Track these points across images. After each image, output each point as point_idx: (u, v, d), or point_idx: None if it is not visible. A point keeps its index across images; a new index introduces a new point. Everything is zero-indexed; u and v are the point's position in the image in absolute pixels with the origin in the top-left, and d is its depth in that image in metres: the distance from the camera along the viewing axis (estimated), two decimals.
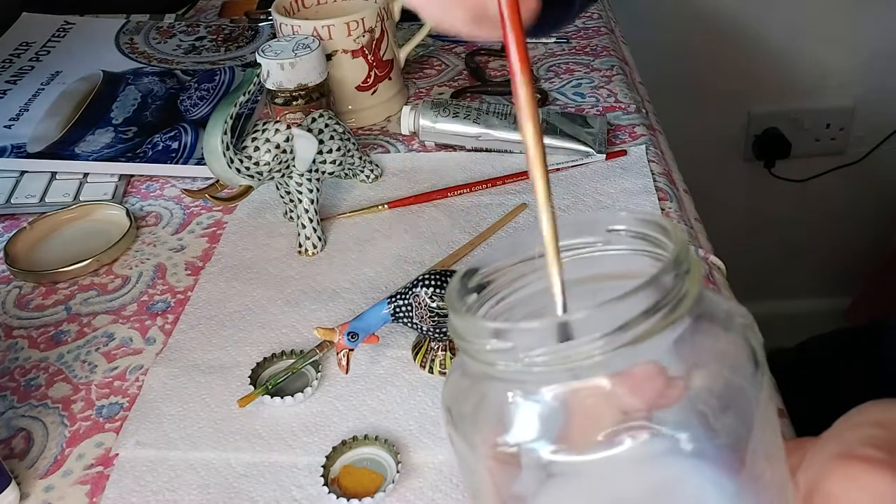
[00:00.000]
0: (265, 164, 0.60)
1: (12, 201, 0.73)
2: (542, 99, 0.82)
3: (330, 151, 0.64)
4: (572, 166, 0.71)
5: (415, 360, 0.55)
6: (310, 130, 0.62)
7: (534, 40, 0.93)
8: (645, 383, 0.23)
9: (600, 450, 0.23)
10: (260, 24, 1.00)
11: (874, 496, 0.25)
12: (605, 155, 0.72)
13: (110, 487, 0.48)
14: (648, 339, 0.22)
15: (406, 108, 0.75)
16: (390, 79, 0.81)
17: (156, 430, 0.51)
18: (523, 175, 0.71)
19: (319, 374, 0.53)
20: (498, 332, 0.23)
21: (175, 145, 0.77)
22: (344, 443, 0.49)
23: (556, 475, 0.25)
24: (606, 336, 0.22)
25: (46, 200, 0.73)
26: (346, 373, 0.51)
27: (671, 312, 0.22)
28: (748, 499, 0.25)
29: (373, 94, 0.80)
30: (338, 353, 0.51)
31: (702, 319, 0.24)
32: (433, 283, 0.50)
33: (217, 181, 0.62)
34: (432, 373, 0.54)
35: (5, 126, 0.80)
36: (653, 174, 0.70)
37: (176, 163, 0.76)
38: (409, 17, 0.87)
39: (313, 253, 0.65)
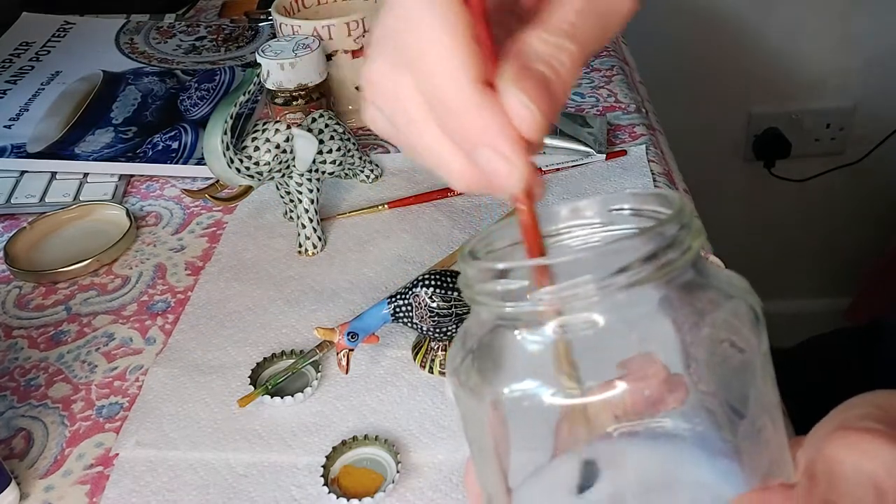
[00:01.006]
0: (265, 164, 0.60)
1: (12, 201, 0.73)
2: None
3: (330, 151, 0.64)
4: (572, 166, 0.71)
5: (415, 360, 0.55)
6: (310, 130, 0.62)
7: None
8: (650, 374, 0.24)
9: (597, 393, 0.24)
10: (260, 24, 1.00)
11: (878, 462, 0.25)
12: (605, 155, 0.72)
13: (110, 487, 0.48)
14: (647, 284, 0.23)
15: None
16: None
17: (156, 430, 0.51)
18: None
19: (319, 374, 0.53)
20: (506, 272, 0.24)
21: (175, 145, 0.77)
22: (344, 443, 0.49)
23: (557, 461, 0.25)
24: (608, 276, 0.23)
25: (46, 200, 0.73)
26: (346, 373, 0.51)
27: (671, 262, 0.23)
28: (751, 453, 0.25)
29: None
30: (338, 353, 0.51)
31: (703, 280, 0.25)
32: (433, 283, 0.50)
33: (217, 181, 0.62)
34: (432, 373, 0.54)
35: (5, 126, 0.80)
36: (653, 174, 0.70)
37: (176, 163, 0.76)
38: None
39: (313, 253, 0.65)
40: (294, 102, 0.71)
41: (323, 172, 0.65)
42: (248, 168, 0.59)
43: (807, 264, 1.65)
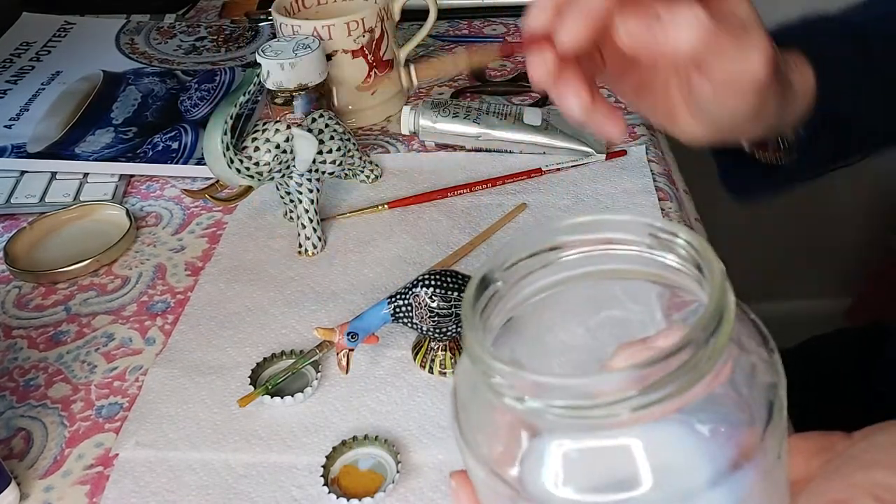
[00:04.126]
0: (265, 164, 0.60)
1: (12, 201, 0.73)
2: (542, 99, 0.82)
3: (330, 151, 0.64)
4: (572, 166, 0.71)
5: (415, 360, 0.55)
6: (310, 130, 0.62)
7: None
8: None
9: (612, 492, 0.23)
10: (260, 25, 1.00)
11: None
12: (605, 155, 0.72)
13: (110, 488, 0.48)
14: (677, 398, 0.22)
15: (406, 108, 0.75)
16: (390, 79, 0.81)
17: (155, 430, 0.51)
18: (523, 175, 0.71)
19: (319, 374, 0.53)
20: (509, 375, 0.22)
21: (175, 145, 0.77)
22: (344, 443, 0.49)
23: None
24: (635, 397, 0.21)
25: (46, 200, 0.73)
26: (346, 373, 0.51)
27: (700, 367, 0.22)
28: None
29: (373, 94, 0.80)
30: (338, 354, 0.51)
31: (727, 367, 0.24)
32: (433, 283, 0.50)
33: (217, 181, 0.62)
34: (432, 373, 0.54)
35: (5, 126, 0.80)
36: (653, 174, 0.70)
37: (176, 163, 0.76)
38: (409, 17, 0.87)
39: (313, 253, 0.65)
40: (294, 102, 0.71)
41: (323, 172, 0.65)
42: (248, 168, 0.59)
43: (807, 264, 1.65)
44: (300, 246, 0.65)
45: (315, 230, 0.65)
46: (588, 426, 0.22)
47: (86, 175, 0.76)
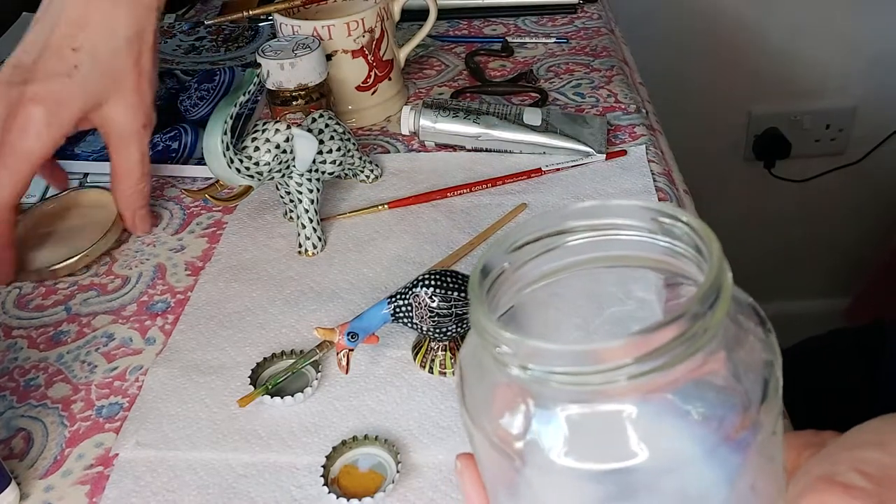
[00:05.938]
0: (265, 164, 0.60)
1: None
2: (542, 99, 0.82)
3: (330, 151, 0.64)
4: (572, 166, 0.71)
5: (415, 360, 0.55)
6: (310, 130, 0.62)
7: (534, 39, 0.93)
8: None
9: (611, 461, 0.23)
10: (260, 24, 1.00)
11: None
12: (605, 155, 0.72)
13: (110, 487, 0.48)
14: (672, 368, 0.22)
15: (406, 108, 0.75)
16: (390, 79, 0.81)
17: (155, 430, 0.51)
18: (523, 175, 0.71)
19: (319, 374, 0.53)
20: (514, 343, 0.23)
21: (175, 145, 0.77)
22: (344, 443, 0.49)
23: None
24: (631, 365, 0.22)
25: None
26: (346, 373, 0.51)
27: (696, 339, 0.22)
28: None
29: (373, 94, 0.80)
30: (338, 353, 0.51)
31: (725, 345, 0.24)
32: (433, 283, 0.50)
33: (217, 181, 0.62)
34: (432, 373, 0.54)
35: None
36: (653, 174, 0.70)
37: (176, 163, 0.76)
38: (409, 17, 0.87)
39: (313, 253, 0.65)
40: (294, 102, 0.71)
41: (323, 172, 0.65)
42: (248, 168, 0.59)
43: (807, 264, 1.65)
44: (300, 246, 0.65)
45: (315, 230, 0.65)
46: (588, 393, 0.23)
47: (86, 175, 0.76)
